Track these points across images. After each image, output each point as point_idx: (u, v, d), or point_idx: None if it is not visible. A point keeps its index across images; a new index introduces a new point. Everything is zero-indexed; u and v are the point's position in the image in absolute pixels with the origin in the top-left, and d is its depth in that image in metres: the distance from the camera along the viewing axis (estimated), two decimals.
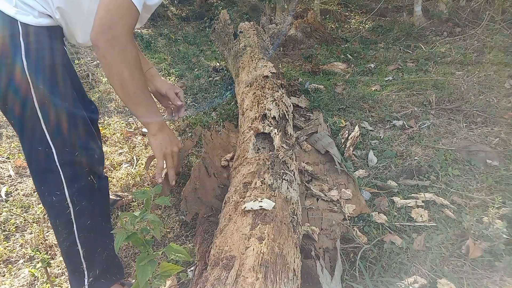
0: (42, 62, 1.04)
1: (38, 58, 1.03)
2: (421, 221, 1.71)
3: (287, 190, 1.38)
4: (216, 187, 1.95)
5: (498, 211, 1.71)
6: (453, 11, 5.31)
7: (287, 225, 1.19)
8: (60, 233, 1.19)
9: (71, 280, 1.27)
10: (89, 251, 1.22)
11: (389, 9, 6.34)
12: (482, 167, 2.11)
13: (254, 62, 2.60)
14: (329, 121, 2.67)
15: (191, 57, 4.34)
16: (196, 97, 3.27)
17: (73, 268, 1.24)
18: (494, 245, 1.51)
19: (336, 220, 1.72)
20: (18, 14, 1.00)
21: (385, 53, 4.41)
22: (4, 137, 2.45)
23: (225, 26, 3.54)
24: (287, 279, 0.99)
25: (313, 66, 4.08)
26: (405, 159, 2.23)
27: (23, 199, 1.90)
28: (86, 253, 1.21)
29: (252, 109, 2.01)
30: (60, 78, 1.09)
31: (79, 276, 1.23)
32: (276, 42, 4.69)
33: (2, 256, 1.55)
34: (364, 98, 3.09)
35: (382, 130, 2.60)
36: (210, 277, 0.95)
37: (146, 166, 2.15)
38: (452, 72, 3.55)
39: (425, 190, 1.94)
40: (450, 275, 1.41)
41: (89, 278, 1.24)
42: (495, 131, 2.47)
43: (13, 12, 0.99)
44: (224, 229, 1.16)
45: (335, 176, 2.09)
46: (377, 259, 1.49)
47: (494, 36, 4.21)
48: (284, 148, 1.69)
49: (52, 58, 1.06)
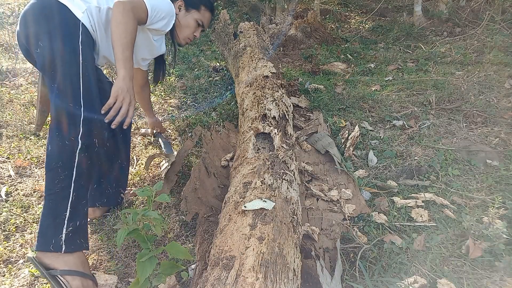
0: (88, 49, 1.45)
1: (86, 47, 1.45)
2: (421, 221, 1.71)
3: (287, 190, 1.38)
4: (216, 187, 1.95)
5: (498, 211, 1.71)
6: (453, 11, 5.31)
7: (287, 225, 1.19)
8: (56, 176, 1.31)
9: (46, 231, 1.28)
10: (77, 199, 1.33)
11: (389, 9, 6.34)
12: (482, 167, 2.11)
13: (254, 62, 2.60)
14: (329, 121, 2.67)
15: (191, 57, 4.34)
16: (196, 97, 3.27)
17: (54, 216, 1.29)
18: (494, 245, 1.51)
19: (336, 220, 1.72)
20: (83, 19, 1.47)
21: (385, 53, 4.41)
22: (4, 137, 2.45)
23: (225, 26, 3.54)
24: (287, 279, 0.99)
25: (313, 66, 4.08)
26: (405, 159, 2.23)
27: (23, 199, 1.90)
28: (74, 200, 1.32)
29: (252, 109, 2.01)
30: (94, 61, 1.51)
31: (57, 226, 1.29)
32: (276, 42, 4.69)
33: (2, 256, 1.55)
34: (364, 98, 3.09)
35: (382, 130, 2.60)
36: (210, 277, 0.95)
37: (146, 166, 2.15)
38: (452, 72, 3.56)
39: (425, 190, 1.94)
40: (450, 275, 1.41)
41: (68, 227, 1.30)
42: (495, 131, 2.47)
43: (80, 16, 1.46)
44: (224, 229, 1.16)
45: (335, 176, 2.09)
46: (377, 259, 1.49)
47: (494, 36, 4.21)
48: (284, 148, 1.69)
49: (91, 51, 1.50)
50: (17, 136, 2.46)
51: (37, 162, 2.22)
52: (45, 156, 1.36)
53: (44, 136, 2.48)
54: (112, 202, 1.85)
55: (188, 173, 2.11)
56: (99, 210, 1.82)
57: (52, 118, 1.37)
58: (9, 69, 3.48)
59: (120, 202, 1.89)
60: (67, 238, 1.30)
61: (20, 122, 2.60)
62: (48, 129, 1.38)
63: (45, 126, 1.88)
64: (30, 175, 2.11)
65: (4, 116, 2.67)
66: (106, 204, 1.82)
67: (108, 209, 1.85)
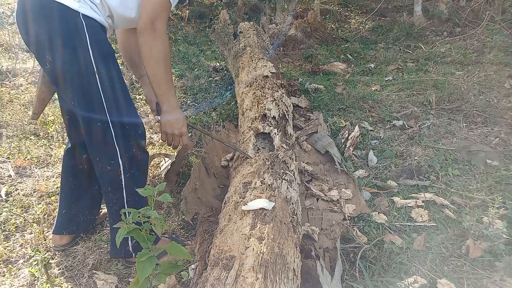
0: (102, 50, 1.23)
1: (99, 48, 1.22)
2: (421, 221, 1.71)
3: (287, 190, 1.38)
4: (216, 187, 1.95)
5: (498, 211, 1.71)
6: (453, 11, 5.31)
7: (287, 225, 1.19)
8: (110, 199, 1.38)
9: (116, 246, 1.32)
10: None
11: (389, 9, 6.34)
12: (482, 167, 2.11)
13: (254, 62, 2.60)
14: (329, 121, 2.67)
15: (191, 57, 4.34)
16: (196, 97, 3.27)
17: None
18: (494, 245, 1.51)
19: (336, 220, 1.72)
20: (81, 8, 1.17)
21: (385, 53, 4.41)
22: (4, 137, 2.44)
23: (225, 26, 3.54)
24: (287, 279, 0.99)
25: (313, 66, 4.08)
26: (405, 159, 2.23)
27: (23, 199, 1.90)
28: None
29: (252, 109, 2.01)
30: (115, 64, 1.29)
31: (124, 243, 1.41)
32: (276, 42, 4.69)
33: (2, 256, 1.55)
34: (364, 98, 3.09)
35: (382, 130, 2.60)
36: (210, 277, 0.95)
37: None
38: (452, 72, 3.55)
39: (425, 190, 1.94)
40: (450, 275, 1.41)
41: (132, 240, 1.43)
42: (495, 131, 2.47)
43: (76, 6, 1.17)
44: (224, 229, 1.16)
45: (335, 176, 2.08)
46: (377, 259, 1.49)
47: (494, 36, 4.21)
48: (284, 148, 1.69)
49: (108, 48, 1.26)
50: (17, 136, 2.46)
51: (37, 162, 2.22)
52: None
53: (44, 136, 2.48)
54: (81, 229, 1.65)
55: (188, 173, 2.11)
56: (66, 237, 1.61)
57: (88, 145, 1.34)
58: (9, 69, 3.48)
59: (91, 227, 1.71)
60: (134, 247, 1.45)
61: (20, 122, 2.59)
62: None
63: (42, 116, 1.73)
64: (30, 175, 2.11)
65: (4, 116, 2.67)
66: (74, 232, 1.62)
67: (75, 236, 1.64)
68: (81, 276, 1.48)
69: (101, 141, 1.29)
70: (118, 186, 1.35)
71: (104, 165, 1.32)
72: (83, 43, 1.18)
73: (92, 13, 1.21)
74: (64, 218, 1.59)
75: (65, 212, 1.59)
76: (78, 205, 1.59)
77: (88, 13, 1.20)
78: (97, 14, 1.23)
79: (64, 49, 1.18)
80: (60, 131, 2.53)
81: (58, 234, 1.59)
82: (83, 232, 1.68)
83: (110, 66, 1.26)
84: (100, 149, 1.31)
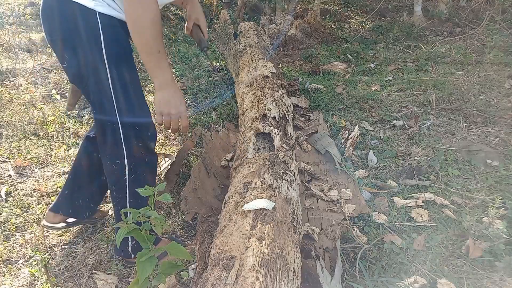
0: (117, 51, 1.21)
1: (114, 48, 1.19)
2: (421, 221, 1.71)
3: (287, 190, 1.38)
4: (216, 187, 1.95)
5: (498, 211, 1.71)
6: (453, 11, 5.31)
7: (287, 225, 1.19)
8: (114, 197, 1.40)
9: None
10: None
11: (389, 9, 6.34)
12: (482, 167, 2.11)
13: (254, 62, 2.60)
14: (329, 121, 2.67)
15: (191, 57, 4.34)
16: (196, 97, 3.27)
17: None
18: (494, 245, 1.51)
19: (336, 220, 1.72)
20: (97, 6, 1.14)
21: (385, 53, 4.41)
22: (4, 137, 2.44)
23: (225, 26, 3.54)
24: (287, 279, 0.99)
25: (313, 66, 4.08)
26: (405, 159, 2.23)
27: (23, 199, 1.90)
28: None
29: (252, 109, 2.01)
30: (130, 64, 1.26)
31: (124, 243, 1.43)
32: (276, 42, 4.69)
33: (2, 256, 1.55)
34: (364, 98, 3.09)
35: (382, 130, 2.60)
36: (210, 277, 0.95)
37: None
38: (452, 72, 3.55)
39: (425, 190, 1.94)
40: (450, 275, 1.41)
41: (132, 241, 1.45)
42: (495, 131, 2.47)
43: (92, 5, 1.13)
44: (224, 229, 1.16)
45: (335, 176, 2.08)
46: (377, 259, 1.49)
47: (494, 36, 4.20)
48: (284, 148, 1.69)
49: (124, 48, 1.23)
50: (17, 136, 2.46)
51: (37, 162, 2.22)
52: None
53: (44, 136, 2.48)
54: (77, 214, 1.65)
55: (188, 173, 2.11)
56: (59, 217, 1.61)
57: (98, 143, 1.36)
58: (9, 69, 3.48)
59: (87, 216, 1.68)
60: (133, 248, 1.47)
61: (20, 122, 2.59)
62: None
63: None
64: (30, 175, 2.11)
65: (4, 116, 2.67)
66: (69, 215, 1.62)
67: (66, 218, 1.64)
68: (81, 276, 1.48)
69: (109, 140, 1.30)
70: (122, 186, 1.36)
71: (110, 164, 1.34)
72: (97, 43, 1.16)
73: (110, 10, 1.16)
74: (64, 198, 1.61)
75: (67, 192, 1.61)
76: (82, 190, 1.61)
77: (105, 11, 1.15)
78: (115, 10, 1.18)
79: (79, 49, 1.17)
80: (60, 131, 2.53)
81: (53, 212, 1.61)
82: (76, 217, 1.65)
83: (123, 66, 1.23)
84: (108, 148, 1.32)
